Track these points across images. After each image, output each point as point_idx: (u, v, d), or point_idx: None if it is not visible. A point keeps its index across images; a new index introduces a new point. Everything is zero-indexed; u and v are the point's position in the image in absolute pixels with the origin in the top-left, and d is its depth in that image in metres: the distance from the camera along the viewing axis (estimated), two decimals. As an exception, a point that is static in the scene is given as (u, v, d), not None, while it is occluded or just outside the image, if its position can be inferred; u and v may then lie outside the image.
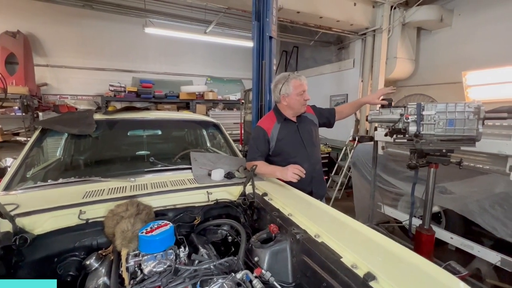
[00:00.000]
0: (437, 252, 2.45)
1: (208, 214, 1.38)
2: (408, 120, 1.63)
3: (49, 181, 1.42)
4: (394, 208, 2.86)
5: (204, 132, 2.29)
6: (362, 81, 5.12)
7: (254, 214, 1.35)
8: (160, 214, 1.24)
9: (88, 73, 5.88)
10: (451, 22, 4.55)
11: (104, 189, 1.33)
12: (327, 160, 4.88)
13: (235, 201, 1.40)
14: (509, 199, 1.91)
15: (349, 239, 0.96)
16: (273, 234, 1.10)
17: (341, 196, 4.31)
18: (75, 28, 5.61)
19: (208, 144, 2.24)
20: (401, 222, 2.83)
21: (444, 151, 1.57)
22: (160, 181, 1.48)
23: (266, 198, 1.38)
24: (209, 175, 1.60)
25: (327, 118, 1.97)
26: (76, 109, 5.44)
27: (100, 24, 5.78)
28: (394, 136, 1.72)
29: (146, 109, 5.70)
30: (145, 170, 1.59)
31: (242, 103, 4.97)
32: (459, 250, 2.23)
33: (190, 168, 1.67)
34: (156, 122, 1.96)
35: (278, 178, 1.61)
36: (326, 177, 4.89)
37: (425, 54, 5.01)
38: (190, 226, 1.31)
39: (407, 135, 1.66)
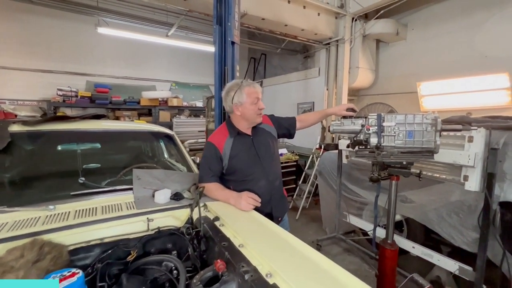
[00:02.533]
0: (401, 260, 2.46)
1: (148, 247, 1.15)
2: (369, 132, 1.57)
3: None
4: (359, 218, 2.85)
5: (155, 145, 2.04)
6: (327, 89, 5.21)
7: (202, 244, 1.15)
8: (82, 252, 0.99)
9: (32, 75, 5.23)
10: (406, 35, 4.84)
11: (6, 223, 1.04)
12: (294, 168, 4.83)
13: (180, 228, 1.19)
14: (464, 207, 1.95)
15: (307, 276, 0.82)
16: (220, 273, 0.92)
17: (308, 204, 4.27)
18: (15, 24, 4.96)
19: (159, 158, 1.98)
20: (366, 232, 2.82)
21: (404, 163, 1.53)
22: (88, 207, 1.22)
23: (217, 223, 1.20)
24: (154, 196, 1.38)
25: (287, 128, 1.81)
26: (16, 116, 4.76)
27: (47, 21, 5.20)
28: (356, 147, 1.65)
29: (101, 117, 5.22)
30: (72, 194, 1.31)
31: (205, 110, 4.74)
32: (422, 257, 2.24)
33: (132, 189, 1.43)
34: (95, 134, 1.66)
35: None
36: (294, 185, 4.84)
37: (384, 65, 5.27)
38: (124, 263, 1.07)
39: (369, 147, 1.60)
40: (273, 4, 4.00)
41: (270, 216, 1.57)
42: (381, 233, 2.41)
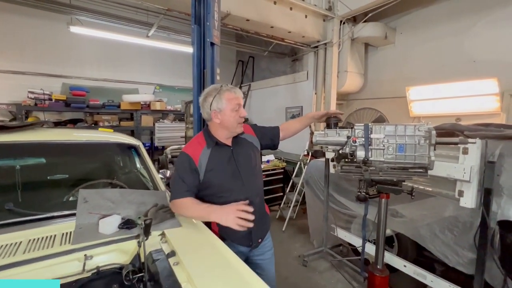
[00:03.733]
0: (393, 277, 2.30)
1: (84, 292, 0.92)
2: (356, 144, 1.39)
3: None
4: (348, 231, 2.67)
5: (116, 158, 1.80)
6: (315, 93, 5.07)
7: (150, 289, 0.93)
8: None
9: (2, 76, 4.86)
10: (395, 39, 4.76)
11: None
12: (282, 176, 4.64)
13: (123, 266, 0.97)
14: (459, 223, 1.79)
15: None
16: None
17: (296, 214, 4.08)
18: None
19: (120, 174, 1.73)
20: (354, 246, 2.64)
21: (395, 180, 1.36)
22: (9, 242, 0.98)
23: (171, 260, 0.98)
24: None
25: (271, 139, 1.64)
26: (-20, 120, 4.39)
27: (16, 19, 4.86)
28: (342, 162, 1.47)
29: (77, 122, 4.86)
30: (-8, 224, 1.07)
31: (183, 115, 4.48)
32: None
33: (74, 215, 1.19)
34: (39, 146, 1.41)
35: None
36: (282, 193, 4.64)
37: (373, 69, 5.18)
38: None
39: (355, 160, 1.42)
40: (258, 4, 3.82)
41: (249, 237, 1.42)
42: (371, 249, 2.24)
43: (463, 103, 3.84)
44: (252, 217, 1.20)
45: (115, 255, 1.03)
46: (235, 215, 1.17)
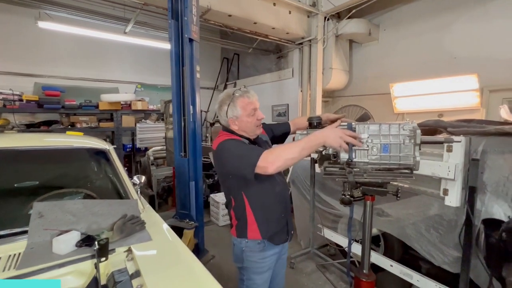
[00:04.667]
0: (380, 277, 2.27)
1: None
2: (339, 145, 1.32)
3: None
4: (334, 231, 2.63)
5: (83, 164, 1.64)
6: (301, 91, 5.01)
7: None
8: None
9: (-35, 76, 4.51)
10: (378, 36, 4.77)
11: None
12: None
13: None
14: (444, 222, 1.77)
15: None
16: None
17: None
18: None
19: (85, 182, 1.57)
20: (341, 247, 2.60)
21: (380, 182, 1.29)
22: None
23: (135, 283, 0.87)
24: (55, 243, 1.01)
25: (281, 136, 1.68)
26: None
27: (-20, 14, 4.50)
28: (325, 163, 1.39)
29: (52, 123, 4.55)
30: None
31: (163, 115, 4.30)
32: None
33: (26, 232, 1.05)
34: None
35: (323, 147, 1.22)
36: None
37: (358, 66, 5.18)
38: None
39: (339, 161, 1.35)
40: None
41: (286, 230, 1.45)
42: (358, 249, 2.20)
43: (445, 99, 3.89)
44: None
45: (71, 278, 0.90)
46: (343, 134, 1.14)
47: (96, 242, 0.77)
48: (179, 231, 2.74)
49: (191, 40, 2.60)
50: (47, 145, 1.47)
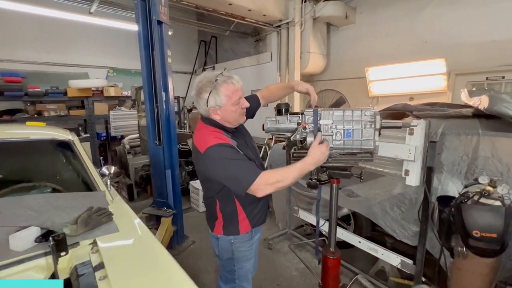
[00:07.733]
0: (348, 252, 2.44)
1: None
2: (306, 131, 1.35)
3: None
4: (309, 212, 2.75)
5: (45, 157, 1.56)
6: (280, 75, 4.99)
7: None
8: None
9: None
10: (355, 19, 4.77)
11: None
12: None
13: None
14: (406, 200, 1.90)
15: None
16: None
17: (263, 198, 4.10)
18: None
19: (49, 175, 1.51)
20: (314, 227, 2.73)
21: (343, 165, 1.35)
22: None
23: (98, 275, 0.87)
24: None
25: (252, 112, 1.54)
26: None
27: None
28: (292, 150, 1.43)
29: (16, 112, 4.19)
30: None
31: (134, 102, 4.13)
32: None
33: (-19, 230, 1.01)
34: None
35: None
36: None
37: (335, 50, 5.20)
38: None
39: (306, 147, 1.39)
40: (213, -22, 3.53)
41: (266, 212, 1.52)
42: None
43: (416, 82, 4.03)
44: None
45: (31, 274, 0.89)
46: (326, 148, 1.20)
47: (50, 238, 0.75)
48: (157, 219, 2.75)
49: (160, 23, 2.48)
50: (1, 138, 1.38)
